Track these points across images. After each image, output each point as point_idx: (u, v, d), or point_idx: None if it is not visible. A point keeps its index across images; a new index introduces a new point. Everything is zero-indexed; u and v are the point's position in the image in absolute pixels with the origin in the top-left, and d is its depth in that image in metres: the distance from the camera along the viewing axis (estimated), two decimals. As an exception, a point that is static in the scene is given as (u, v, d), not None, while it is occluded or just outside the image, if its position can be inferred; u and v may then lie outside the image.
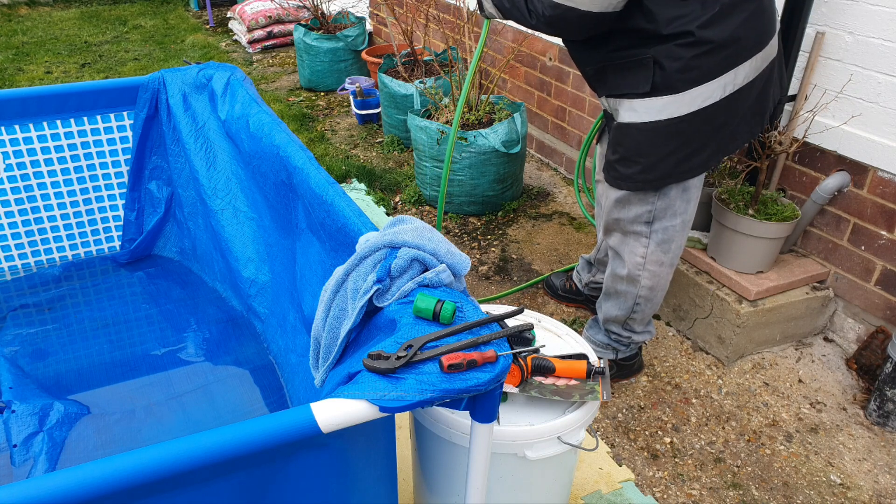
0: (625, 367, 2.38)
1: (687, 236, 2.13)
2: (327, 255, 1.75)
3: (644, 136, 1.89)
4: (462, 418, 1.44)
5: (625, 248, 2.13)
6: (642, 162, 1.92)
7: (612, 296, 2.24)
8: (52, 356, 2.25)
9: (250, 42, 6.06)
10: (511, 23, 2.06)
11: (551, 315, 2.74)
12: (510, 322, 1.63)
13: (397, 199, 3.60)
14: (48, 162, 2.52)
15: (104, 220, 2.71)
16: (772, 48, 1.89)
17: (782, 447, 2.16)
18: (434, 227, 2.76)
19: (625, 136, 1.93)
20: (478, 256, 3.11)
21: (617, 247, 2.15)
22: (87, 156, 2.59)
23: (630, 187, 1.99)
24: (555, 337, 1.75)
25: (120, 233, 2.74)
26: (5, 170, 2.46)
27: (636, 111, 1.88)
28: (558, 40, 3.62)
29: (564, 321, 2.69)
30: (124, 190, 2.69)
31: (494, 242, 3.21)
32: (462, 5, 4.03)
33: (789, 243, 2.57)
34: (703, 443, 2.18)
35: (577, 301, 2.75)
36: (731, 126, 1.90)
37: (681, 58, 1.77)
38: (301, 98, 4.98)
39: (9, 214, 2.52)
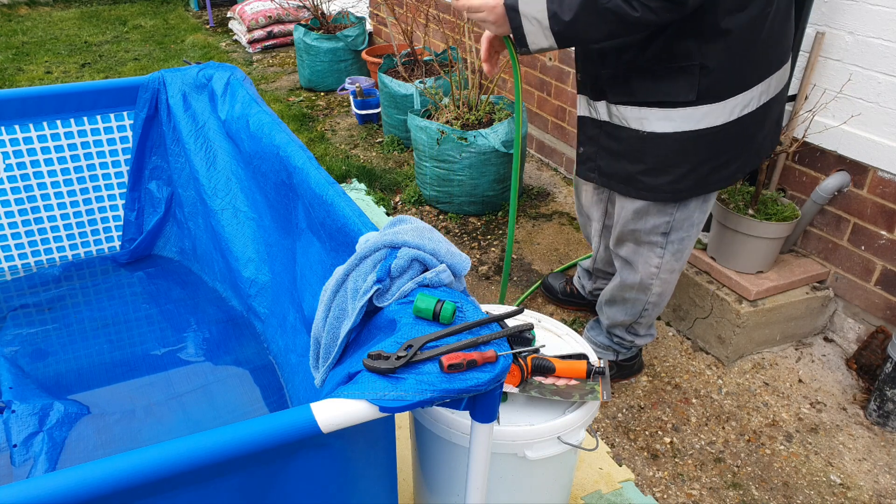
0: (625, 367, 2.37)
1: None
2: (327, 255, 1.75)
3: (679, 145, 1.80)
4: (462, 418, 1.44)
5: (638, 258, 2.08)
6: (673, 172, 1.84)
7: (619, 302, 2.21)
8: (52, 356, 2.25)
9: (250, 42, 6.06)
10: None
11: (551, 315, 2.74)
12: (510, 322, 1.63)
13: (397, 199, 3.60)
14: (48, 162, 2.52)
15: (104, 220, 2.71)
16: (789, 61, 1.88)
17: (782, 447, 2.16)
18: (433, 227, 2.75)
19: (654, 147, 1.83)
20: (478, 256, 3.11)
21: (629, 256, 2.10)
22: (87, 156, 2.59)
23: (656, 198, 1.91)
24: (555, 337, 1.75)
25: (120, 233, 2.74)
26: (5, 170, 2.46)
27: (672, 120, 1.78)
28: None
29: (564, 321, 2.69)
30: (124, 190, 2.69)
31: (494, 242, 3.21)
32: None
33: (789, 243, 2.57)
34: (703, 443, 2.18)
35: (579, 305, 2.73)
36: (759, 138, 1.86)
37: (735, 55, 1.67)
38: (301, 98, 4.98)
39: (9, 214, 2.52)
